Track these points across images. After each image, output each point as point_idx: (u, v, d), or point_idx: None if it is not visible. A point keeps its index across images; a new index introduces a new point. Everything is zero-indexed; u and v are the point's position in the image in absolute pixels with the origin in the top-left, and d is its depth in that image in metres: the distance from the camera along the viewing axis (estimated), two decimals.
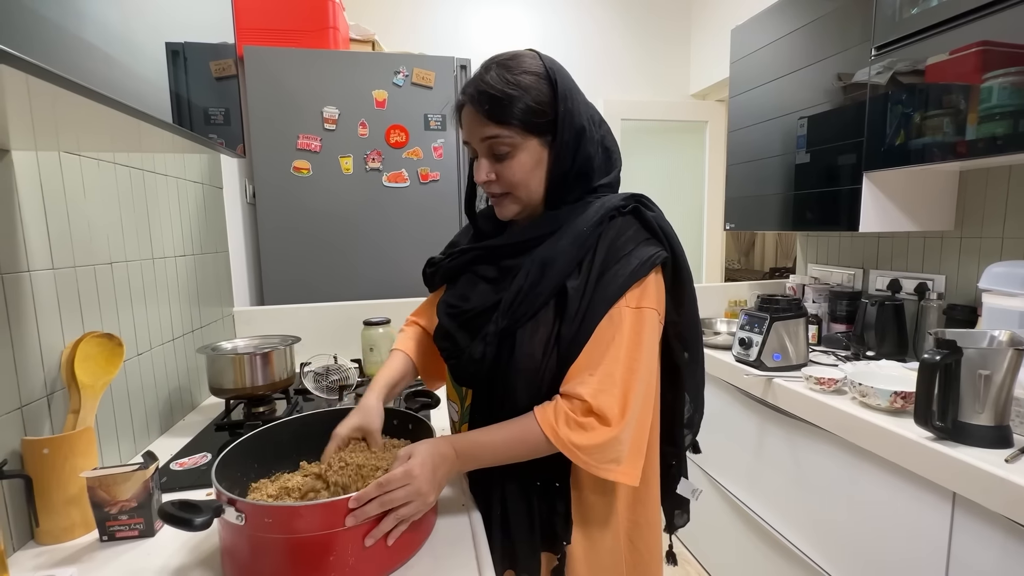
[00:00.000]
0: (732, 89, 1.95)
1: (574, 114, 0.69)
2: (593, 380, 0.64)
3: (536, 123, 0.68)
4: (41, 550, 0.71)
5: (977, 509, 0.92)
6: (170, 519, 0.57)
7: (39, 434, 0.75)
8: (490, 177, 0.71)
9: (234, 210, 1.70)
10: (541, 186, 0.72)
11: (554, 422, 0.63)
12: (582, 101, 0.72)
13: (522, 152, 0.69)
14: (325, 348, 1.54)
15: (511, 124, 0.67)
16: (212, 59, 0.75)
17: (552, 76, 0.69)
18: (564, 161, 0.70)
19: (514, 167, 0.70)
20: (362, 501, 0.58)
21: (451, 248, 0.86)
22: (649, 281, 0.68)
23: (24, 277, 0.74)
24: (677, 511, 0.85)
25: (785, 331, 1.46)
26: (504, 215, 0.75)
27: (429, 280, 0.87)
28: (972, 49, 1.10)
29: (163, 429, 1.13)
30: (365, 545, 0.59)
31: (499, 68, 0.69)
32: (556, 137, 0.69)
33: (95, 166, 0.92)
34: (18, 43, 0.35)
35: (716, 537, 1.79)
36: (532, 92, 0.68)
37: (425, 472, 0.61)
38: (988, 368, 0.94)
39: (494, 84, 0.67)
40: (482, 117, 0.68)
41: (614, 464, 0.64)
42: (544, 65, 0.70)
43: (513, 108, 0.67)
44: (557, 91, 0.69)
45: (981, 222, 1.43)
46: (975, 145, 1.10)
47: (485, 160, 0.71)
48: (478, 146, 0.71)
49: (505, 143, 0.68)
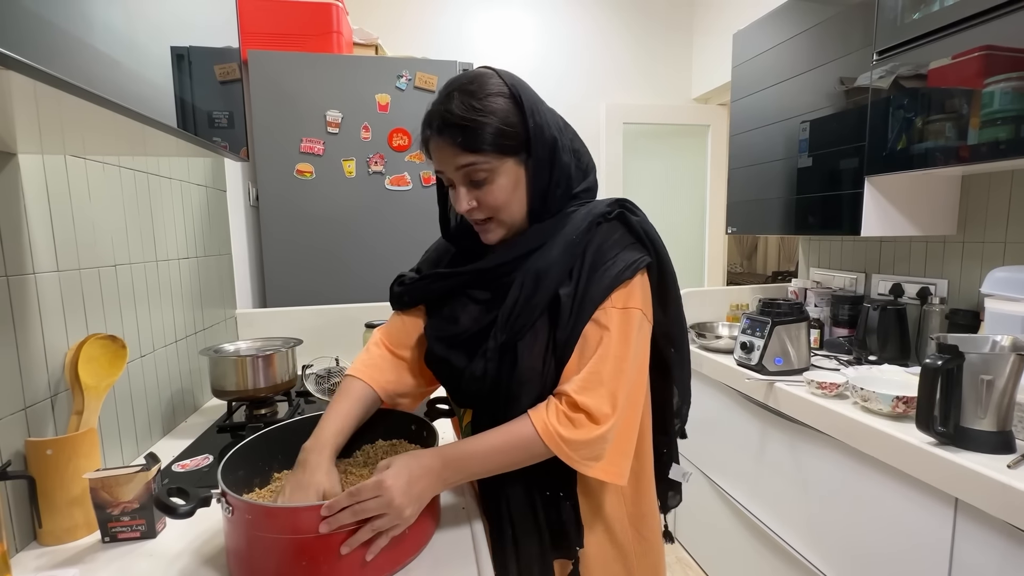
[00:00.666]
0: (734, 93, 1.95)
1: (543, 128, 0.69)
2: (579, 379, 0.65)
3: (508, 144, 0.68)
4: (44, 551, 0.72)
5: (980, 515, 0.91)
6: (158, 505, 0.60)
7: (43, 435, 0.76)
8: (472, 205, 0.70)
9: (237, 213, 1.71)
10: (523, 205, 0.72)
11: (546, 416, 0.64)
12: (547, 111, 0.72)
13: (500, 176, 0.69)
14: (327, 350, 1.55)
15: (484, 150, 0.67)
16: (216, 63, 0.76)
17: (516, 93, 0.68)
18: (542, 177, 0.70)
19: (494, 192, 0.69)
20: (333, 509, 0.57)
21: (430, 267, 0.83)
22: (635, 283, 0.69)
23: (29, 279, 0.75)
24: (670, 492, 0.88)
25: (787, 335, 1.46)
26: (490, 240, 0.74)
27: (397, 299, 0.82)
28: (974, 54, 1.10)
29: (165, 431, 1.14)
30: (341, 553, 0.59)
31: (461, 95, 0.67)
32: (530, 154, 0.69)
33: (100, 169, 0.93)
34: (24, 48, 0.35)
35: (718, 541, 1.78)
36: (500, 114, 0.67)
37: (398, 483, 0.59)
38: (990, 373, 0.94)
39: (460, 113, 0.66)
40: (454, 147, 0.67)
41: (594, 461, 0.64)
42: (506, 83, 0.69)
43: (484, 134, 0.66)
44: (523, 108, 0.68)
45: (984, 227, 1.43)
46: (978, 150, 1.10)
47: (463, 189, 0.70)
48: (453, 175, 0.70)
49: (482, 169, 0.67)
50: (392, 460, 0.63)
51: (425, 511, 0.65)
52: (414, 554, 0.66)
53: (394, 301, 0.84)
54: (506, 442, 0.65)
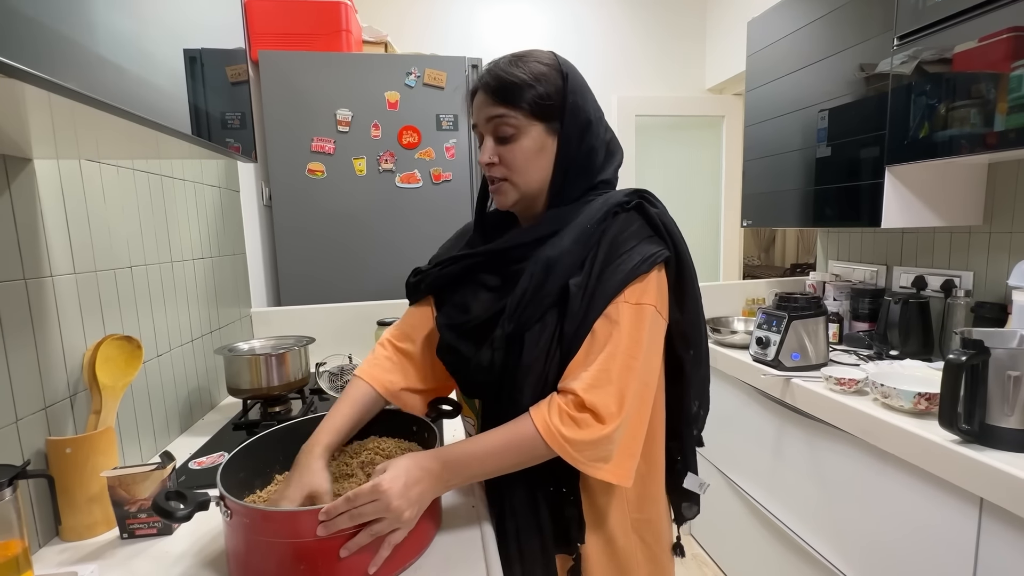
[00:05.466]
0: (749, 83, 1.91)
1: (582, 107, 0.71)
2: (587, 375, 0.63)
3: (542, 107, 0.69)
4: (65, 546, 0.74)
5: (1006, 516, 0.88)
6: (155, 508, 0.59)
7: (62, 434, 0.78)
8: (493, 159, 0.71)
9: (251, 213, 1.73)
10: (543, 175, 0.72)
11: (547, 415, 0.63)
12: (592, 100, 0.73)
13: (526, 136, 0.70)
14: (340, 348, 1.56)
15: (517, 106, 0.69)
16: (227, 64, 0.76)
17: (564, 70, 0.71)
18: (569, 152, 0.71)
19: (516, 151, 0.70)
20: (331, 515, 0.57)
21: (447, 251, 0.83)
22: (651, 278, 0.67)
23: (47, 282, 0.77)
24: (685, 504, 0.83)
25: (804, 330, 1.43)
26: (502, 203, 0.74)
27: (413, 289, 0.83)
28: (1002, 36, 1.05)
29: (183, 428, 1.16)
30: (340, 556, 0.58)
31: (512, 57, 0.71)
32: (563, 126, 0.70)
33: (115, 173, 0.95)
34: (40, 61, 0.36)
35: (734, 538, 1.76)
36: (541, 80, 0.69)
37: (395, 487, 0.59)
38: (1018, 369, 0.90)
39: (505, 69, 0.70)
40: (490, 98, 0.70)
41: (602, 463, 0.63)
42: (557, 60, 0.72)
43: (518, 90, 0.68)
44: (567, 84, 0.70)
45: (1011, 216, 1.38)
46: (1005, 136, 1.05)
47: (489, 141, 0.71)
48: (484, 127, 0.72)
49: (510, 124, 0.69)
50: (390, 463, 0.63)
51: (425, 513, 0.64)
52: (414, 557, 0.66)
53: (410, 291, 0.84)
54: (507, 443, 0.64)
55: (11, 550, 0.60)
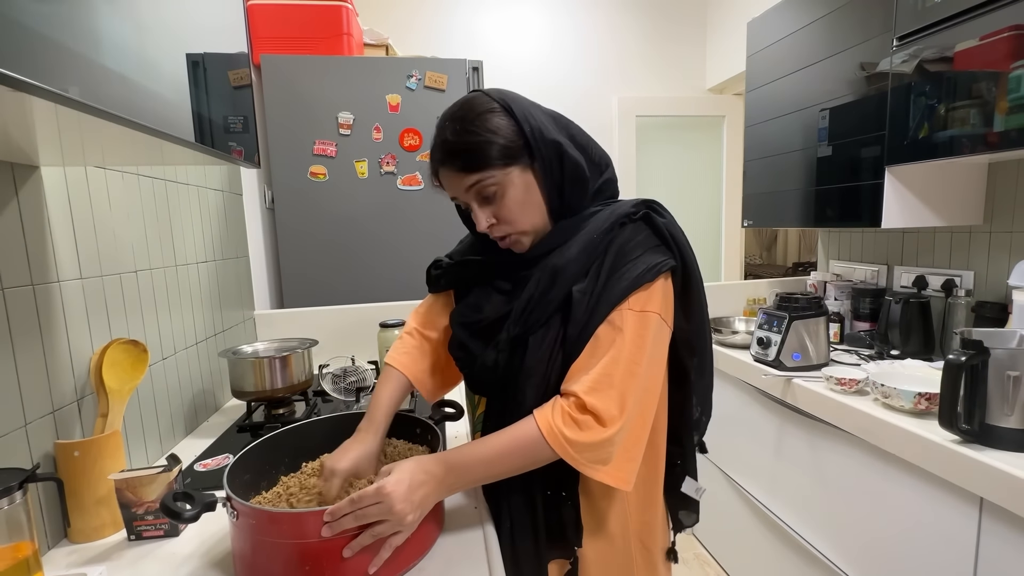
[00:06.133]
0: (749, 83, 1.91)
1: (541, 130, 0.69)
2: (589, 379, 0.64)
3: (508, 155, 0.68)
4: (73, 548, 0.75)
5: (1006, 515, 0.89)
6: (163, 509, 0.60)
7: (70, 437, 0.79)
8: (491, 222, 0.71)
9: (254, 216, 1.74)
10: (541, 208, 0.72)
11: (551, 417, 0.63)
12: (542, 115, 0.72)
13: (509, 187, 0.69)
14: (343, 350, 1.57)
15: (486, 166, 0.68)
16: (229, 68, 0.77)
17: (506, 105, 0.69)
18: (553, 175, 0.70)
19: (507, 205, 0.70)
20: (336, 516, 0.58)
21: (461, 254, 0.85)
22: (656, 287, 0.67)
23: (54, 287, 0.78)
24: (683, 511, 0.84)
25: (805, 330, 1.43)
26: (522, 251, 0.74)
27: (434, 281, 0.86)
28: (1003, 35, 1.05)
29: (188, 430, 1.17)
30: (344, 556, 0.60)
31: (453, 122, 0.69)
32: (534, 157, 0.69)
33: (120, 178, 0.96)
34: (45, 74, 0.37)
35: (736, 538, 1.77)
36: (493, 129, 0.68)
37: (399, 490, 0.60)
38: (1017, 369, 0.91)
39: (455, 139, 0.68)
40: (458, 172, 0.69)
41: (600, 464, 0.63)
42: (494, 99, 0.70)
43: (481, 151, 0.67)
44: (516, 117, 0.68)
45: (1012, 216, 1.38)
46: (1006, 135, 1.06)
47: (478, 207, 0.71)
48: (465, 198, 0.71)
49: (490, 184, 0.68)
50: (394, 466, 0.63)
51: (428, 515, 0.65)
52: (417, 559, 0.67)
53: (431, 283, 0.87)
54: (510, 445, 0.65)
55: (22, 552, 0.61)
